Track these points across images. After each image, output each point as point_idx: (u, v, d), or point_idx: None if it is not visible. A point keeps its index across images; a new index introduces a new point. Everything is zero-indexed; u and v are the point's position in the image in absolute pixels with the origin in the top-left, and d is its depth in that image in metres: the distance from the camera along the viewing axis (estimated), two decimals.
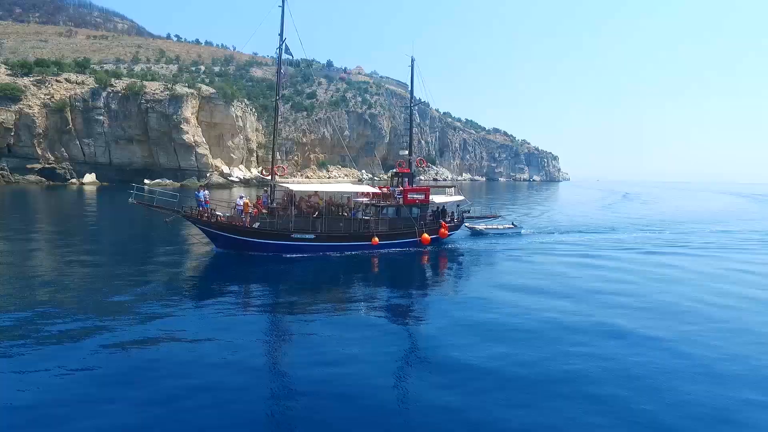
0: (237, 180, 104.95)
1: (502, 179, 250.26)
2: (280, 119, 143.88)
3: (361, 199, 27.20)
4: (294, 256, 22.80)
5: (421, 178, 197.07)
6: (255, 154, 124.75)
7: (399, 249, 25.60)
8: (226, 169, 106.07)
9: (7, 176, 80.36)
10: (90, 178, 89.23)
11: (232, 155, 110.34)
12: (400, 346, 12.13)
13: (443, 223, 27.52)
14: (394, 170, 29.88)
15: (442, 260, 24.72)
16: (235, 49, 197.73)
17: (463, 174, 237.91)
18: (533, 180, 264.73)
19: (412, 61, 29.14)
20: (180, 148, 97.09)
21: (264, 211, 24.27)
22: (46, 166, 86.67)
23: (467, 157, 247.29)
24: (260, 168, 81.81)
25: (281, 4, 25.38)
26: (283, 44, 25.15)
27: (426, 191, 27.64)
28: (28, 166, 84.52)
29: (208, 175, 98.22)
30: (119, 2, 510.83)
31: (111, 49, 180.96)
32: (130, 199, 21.79)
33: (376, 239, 24.46)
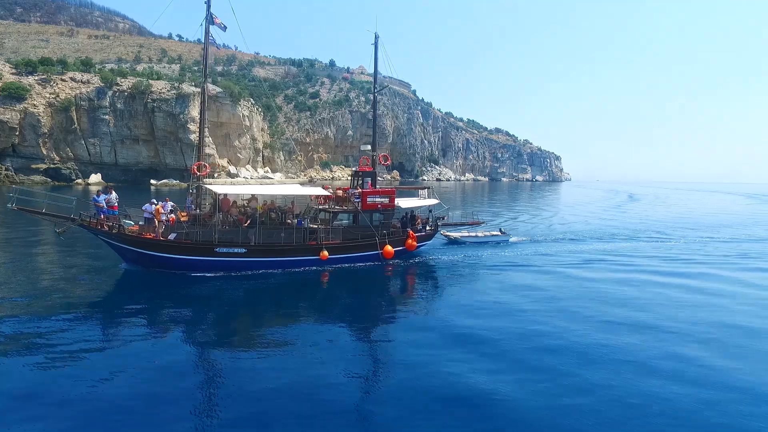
0: (244, 181, 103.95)
1: (504, 179, 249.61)
2: (282, 119, 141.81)
3: (310, 204, 23.26)
4: (220, 274, 18.47)
5: (424, 178, 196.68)
6: (261, 154, 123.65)
7: (355, 264, 21.29)
8: (233, 170, 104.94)
9: (12, 176, 79.05)
10: (95, 178, 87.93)
11: (238, 155, 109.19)
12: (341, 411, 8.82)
13: (410, 232, 23.12)
14: (355, 168, 25.57)
15: (408, 279, 20.51)
16: (237, 48, 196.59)
17: (466, 174, 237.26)
18: (536, 180, 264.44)
19: (376, 38, 25.41)
20: (187, 147, 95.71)
21: (183, 218, 19.94)
22: (51, 166, 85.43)
23: (470, 157, 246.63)
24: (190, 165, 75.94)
25: None
26: (209, 14, 20.64)
27: (391, 194, 23.41)
28: (33, 166, 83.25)
29: (215, 175, 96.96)
30: (121, 2, 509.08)
31: (113, 49, 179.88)
32: (9, 205, 17.07)
33: (326, 253, 19.99)
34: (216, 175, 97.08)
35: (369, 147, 25.99)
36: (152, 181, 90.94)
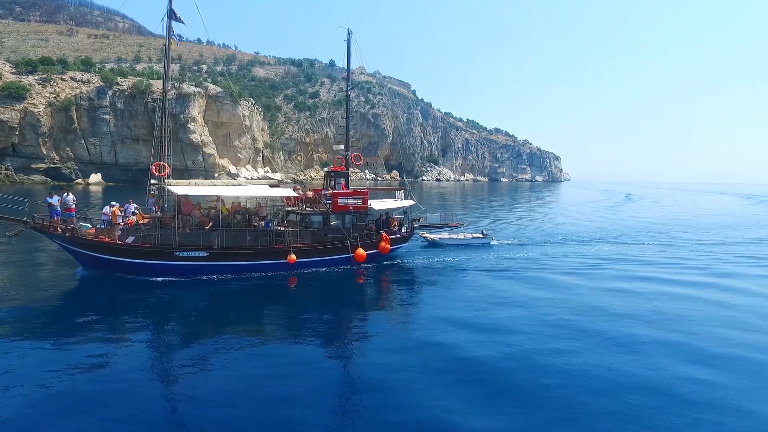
0: (244, 180, 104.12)
1: (504, 179, 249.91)
2: (282, 119, 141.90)
3: (276, 206, 22.59)
4: (181, 279, 17.65)
5: (424, 178, 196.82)
6: (261, 154, 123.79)
7: (325, 268, 20.41)
8: (233, 169, 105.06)
9: (12, 176, 79.15)
10: (96, 178, 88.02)
11: (239, 155, 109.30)
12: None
13: (384, 234, 22.24)
14: (327, 169, 24.95)
15: (381, 286, 19.57)
16: (237, 48, 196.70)
17: (466, 174, 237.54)
18: (535, 180, 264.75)
19: (349, 34, 24.84)
20: (187, 147, 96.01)
21: (142, 221, 19.13)
22: (51, 165, 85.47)
23: (469, 157, 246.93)
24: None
25: None
26: (170, 8, 19.89)
27: (363, 195, 22.71)
28: (33, 165, 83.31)
29: (216, 175, 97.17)
30: (120, 1, 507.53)
31: (112, 48, 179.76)
32: None
33: (293, 257, 19.06)
34: (216, 175, 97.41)
35: (342, 146, 25.16)
36: (152, 182, 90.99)
